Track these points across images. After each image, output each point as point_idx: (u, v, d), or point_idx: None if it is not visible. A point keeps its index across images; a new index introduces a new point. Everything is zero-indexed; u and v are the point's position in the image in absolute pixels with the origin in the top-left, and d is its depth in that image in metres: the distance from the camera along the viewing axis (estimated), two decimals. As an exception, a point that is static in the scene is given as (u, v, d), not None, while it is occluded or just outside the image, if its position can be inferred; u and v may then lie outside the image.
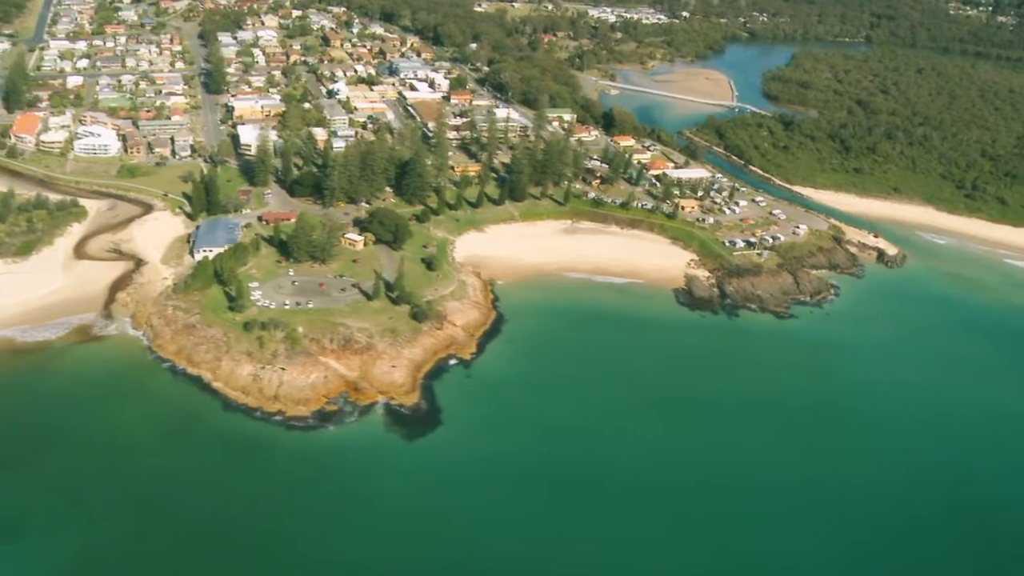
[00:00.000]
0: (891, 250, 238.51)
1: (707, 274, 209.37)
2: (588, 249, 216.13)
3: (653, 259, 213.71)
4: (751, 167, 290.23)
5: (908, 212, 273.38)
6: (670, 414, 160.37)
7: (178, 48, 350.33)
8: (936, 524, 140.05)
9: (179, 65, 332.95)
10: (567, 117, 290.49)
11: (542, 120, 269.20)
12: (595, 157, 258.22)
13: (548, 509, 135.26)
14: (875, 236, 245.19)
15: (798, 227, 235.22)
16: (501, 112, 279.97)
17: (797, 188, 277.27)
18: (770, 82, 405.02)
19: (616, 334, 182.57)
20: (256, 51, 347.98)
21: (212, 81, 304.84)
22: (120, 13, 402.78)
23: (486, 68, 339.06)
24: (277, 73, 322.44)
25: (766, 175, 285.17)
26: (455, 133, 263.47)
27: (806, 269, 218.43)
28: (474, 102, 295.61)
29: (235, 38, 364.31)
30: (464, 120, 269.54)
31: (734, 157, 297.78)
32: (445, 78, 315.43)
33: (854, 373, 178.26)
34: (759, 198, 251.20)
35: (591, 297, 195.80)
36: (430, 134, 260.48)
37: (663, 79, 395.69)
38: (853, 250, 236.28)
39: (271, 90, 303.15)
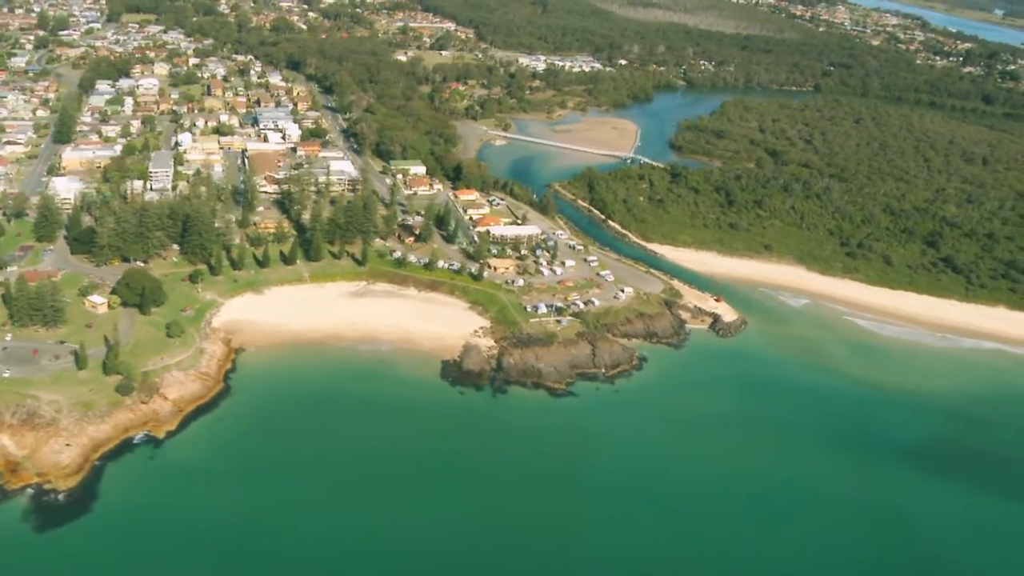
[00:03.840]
0: (729, 316, 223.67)
1: (492, 343, 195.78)
2: (371, 314, 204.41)
3: (437, 326, 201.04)
4: (611, 222, 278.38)
5: (774, 272, 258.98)
6: (366, 503, 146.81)
7: (50, 96, 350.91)
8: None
9: (40, 113, 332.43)
10: (414, 170, 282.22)
11: (369, 173, 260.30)
12: (421, 212, 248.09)
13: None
14: (717, 300, 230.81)
15: (622, 290, 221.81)
16: (338, 165, 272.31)
17: (653, 246, 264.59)
18: (684, 132, 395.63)
19: (349, 411, 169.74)
20: (128, 100, 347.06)
21: (59, 131, 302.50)
22: (14, 60, 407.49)
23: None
24: (136, 123, 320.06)
25: (624, 231, 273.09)
26: (275, 187, 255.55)
27: (615, 338, 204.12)
28: (321, 153, 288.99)
29: (113, 86, 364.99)
30: (292, 173, 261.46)
31: (596, 211, 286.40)
32: (300, 128, 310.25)
33: (604, 466, 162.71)
34: (591, 257, 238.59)
35: (344, 368, 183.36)
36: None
37: (564, 128, 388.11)
38: (686, 316, 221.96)
39: (120, 140, 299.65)
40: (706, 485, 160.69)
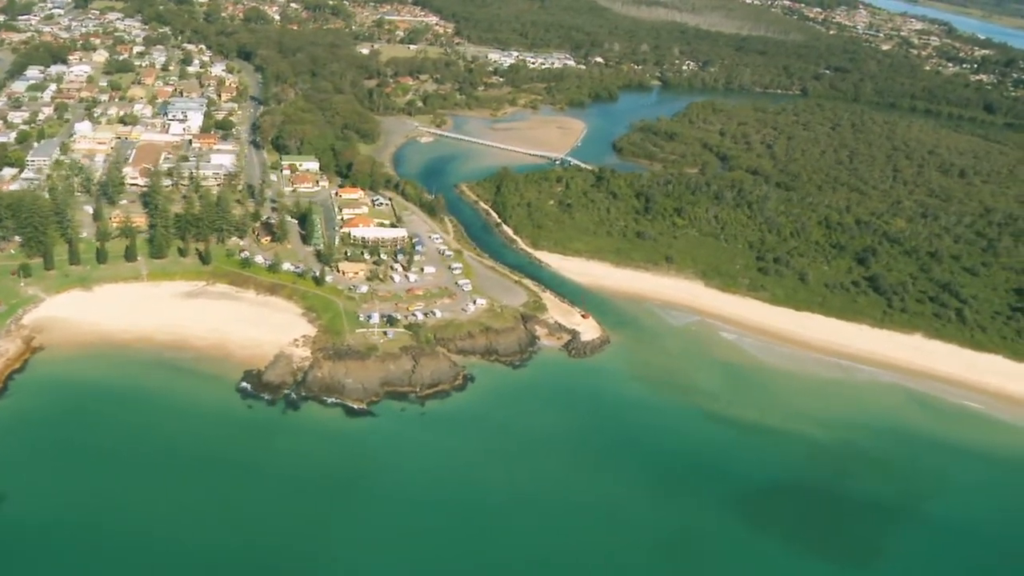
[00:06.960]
0: (591, 334, 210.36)
1: (308, 354, 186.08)
2: (195, 317, 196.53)
3: (260, 332, 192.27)
4: (504, 227, 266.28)
5: (668, 287, 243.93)
6: (106, 502, 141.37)
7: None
8: None
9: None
10: (306, 165, 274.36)
11: (253, 168, 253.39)
12: (287, 211, 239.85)
13: None
14: (584, 316, 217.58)
15: (474, 301, 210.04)
16: (217, 158, 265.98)
17: (541, 253, 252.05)
18: (632, 133, 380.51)
19: (121, 417, 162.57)
20: (52, 86, 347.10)
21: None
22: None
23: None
24: (47, 110, 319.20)
25: (515, 237, 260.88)
26: (144, 180, 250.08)
27: (448, 354, 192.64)
28: (215, 146, 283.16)
29: (43, 72, 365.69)
30: (164, 166, 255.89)
31: (495, 214, 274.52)
32: (207, 120, 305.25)
33: (374, 491, 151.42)
34: (455, 264, 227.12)
35: (138, 374, 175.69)
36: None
37: (504, 127, 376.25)
38: (542, 332, 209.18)
39: (22, 127, 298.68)
40: (485, 517, 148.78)
